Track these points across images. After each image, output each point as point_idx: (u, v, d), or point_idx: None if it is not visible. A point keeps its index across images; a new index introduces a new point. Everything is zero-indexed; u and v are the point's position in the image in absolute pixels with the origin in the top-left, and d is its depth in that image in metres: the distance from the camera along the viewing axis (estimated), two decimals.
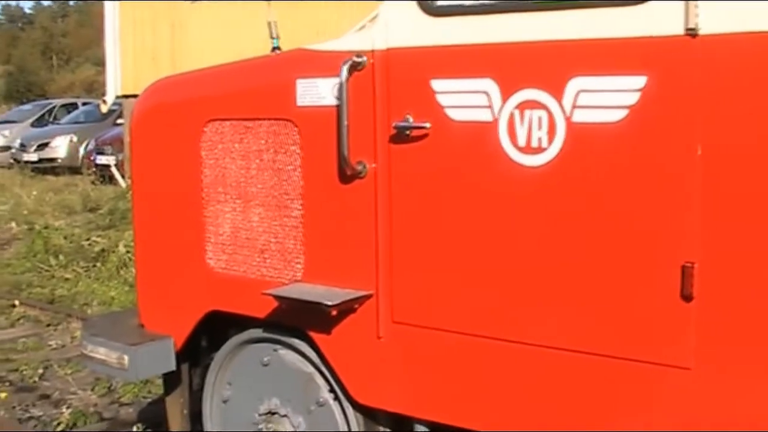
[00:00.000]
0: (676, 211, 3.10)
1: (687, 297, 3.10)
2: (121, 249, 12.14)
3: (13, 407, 7.18)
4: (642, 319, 3.20)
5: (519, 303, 3.47)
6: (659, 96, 3.11)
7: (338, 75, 3.81)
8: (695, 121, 3.04)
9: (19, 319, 10.13)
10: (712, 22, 2.99)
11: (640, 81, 3.14)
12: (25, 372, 8.06)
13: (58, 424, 6.75)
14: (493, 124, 3.47)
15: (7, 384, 7.83)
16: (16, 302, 10.60)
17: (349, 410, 4.17)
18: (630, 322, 3.22)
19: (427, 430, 4.00)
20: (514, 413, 3.55)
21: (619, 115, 3.19)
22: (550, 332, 3.41)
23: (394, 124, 3.72)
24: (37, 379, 7.93)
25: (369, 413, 4.15)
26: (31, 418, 6.99)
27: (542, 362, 3.44)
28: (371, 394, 4.00)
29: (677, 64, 3.07)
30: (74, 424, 6.74)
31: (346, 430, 4.21)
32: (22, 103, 40.94)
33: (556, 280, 3.37)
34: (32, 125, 30.27)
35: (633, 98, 3.15)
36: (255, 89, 4.29)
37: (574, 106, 3.28)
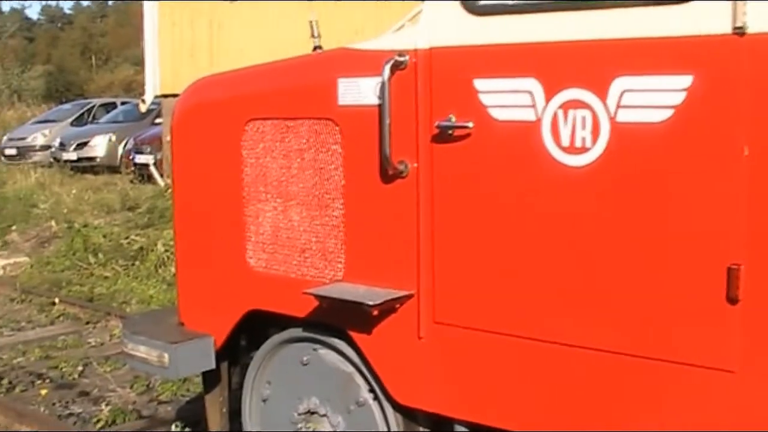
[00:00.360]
0: (722, 213, 3.06)
1: (732, 299, 3.06)
2: (160, 248, 12.20)
3: (53, 404, 7.24)
4: (687, 322, 3.16)
5: (562, 304, 3.44)
6: (705, 96, 3.07)
7: (380, 74, 3.80)
8: (741, 121, 3.00)
9: (58, 317, 10.22)
10: (759, 20, 2.95)
11: (685, 80, 3.10)
12: (64, 369, 8.12)
13: (97, 421, 6.79)
14: (536, 124, 3.45)
15: (47, 381, 7.90)
16: (56, 300, 10.69)
17: (389, 410, 4.16)
18: (675, 324, 3.18)
19: (466, 431, 3.99)
20: (556, 415, 3.52)
21: (665, 115, 3.15)
22: (593, 334, 3.37)
23: (436, 124, 3.70)
24: (76, 376, 7.99)
25: (409, 413, 4.13)
26: (70, 414, 7.05)
27: (586, 365, 3.41)
28: (411, 395, 3.98)
29: (724, 63, 3.03)
30: (113, 422, 6.78)
31: (386, 430, 4.19)
32: (62, 103, 41.16)
33: (600, 282, 3.34)
34: (71, 124, 30.43)
35: (678, 98, 3.12)
36: (296, 88, 4.29)
37: (619, 106, 3.25)
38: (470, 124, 3.62)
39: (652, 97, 3.17)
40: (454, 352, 3.79)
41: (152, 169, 21.51)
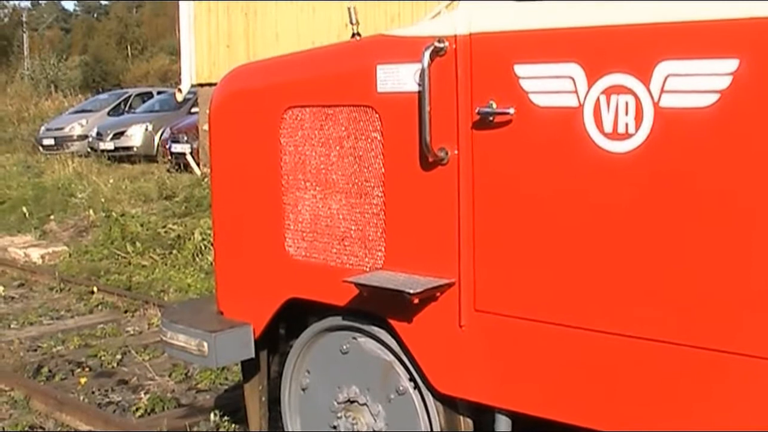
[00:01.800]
0: None
1: None
2: (197, 236, 12.24)
3: (93, 392, 7.28)
4: (737, 311, 3.11)
5: (604, 292, 3.40)
6: (752, 79, 3.01)
7: (419, 61, 3.77)
8: None
9: (97, 306, 10.28)
10: None
11: (731, 64, 3.04)
12: (103, 358, 8.16)
13: (137, 409, 6.83)
14: (578, 110, 3.40)
15: (87, 369, 7.94)
16: (95, 289, 10.75)
17: (429, 399, 4.14)
18: (722, 312, 3.13)
19: (508, 420, 3.96)
20: (599, 405, 3.48)
21: (710, 99, 3.10)
22: (634, 323, 3.33)
23: (477, 110, 3.66)
24: (115, 364, 8.03)
25: (449, 402, 4.11)
26: (110, 403, 7.09)
27: (628, 353, 3.37)
28: (452, 383, 3.96)
29: None
30: (152, 410, 6.81)
31: (427, 419, 4.18)
32: (98, 93, 41.42)
33: (644, 270, 3.29)
34: (108, 114, 30.60)
35: (724, 82, 3.06)
36: (335, 76, 4.27)
37: (663, 91, 3.19)
38: (511, 111, 3.58)
39: (697, 82, 3.12)
40: (495, 341, 3.76)
41: (189, 158, 21.59)
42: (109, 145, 26.91)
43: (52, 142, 29.78)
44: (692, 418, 3.25)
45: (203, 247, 11.92)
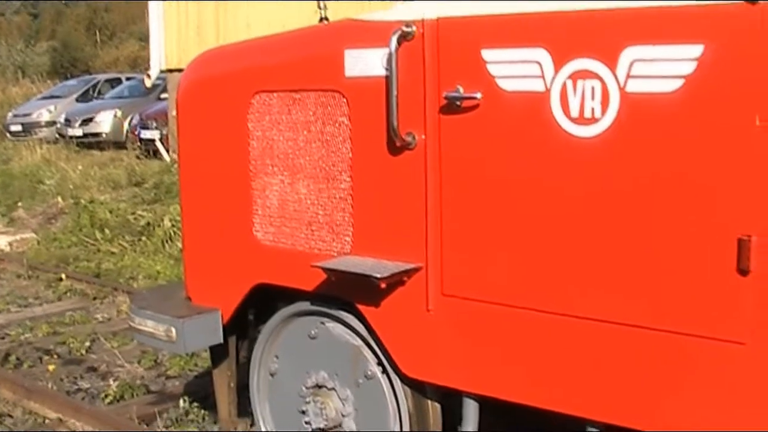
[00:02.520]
0: (733, 183, 3.03)
1: (743, 271, 3.04)
2: (167, 223, 12.20)
3: (61, 380, 7.25)
4: (697, 293, 3.14)
5: (571, 276, 3.42)
6: (716, 65, 3.03)
7: (387, 46, 3.77)
8: (753, 91, 2.97)
9: (66, 293, 10.23)
10: None
11: (696, 50, 3.06)
12: (72, 345, 8.13)
13: (106, 396, 6.80)
14: (545, 95, 3.42)
15: (55, 357, 7.91)
16: (63, 276, 10.70)
17: (398, 383, 4.15)
18: (684, 295, 3.16)
19: (476, 403, 3.98)
20: (566, 387, 3.51)
21: (675, 84, 3.12)
22: (602, 306, 3.35)
23: (444, 95, 3.67)
24: (84, 352, 8.00)
25: (417, 387, 4.13)
26: (79, 390, 7.06)
27: (594, 336, 3.40)
28: (420, 368, 3.97)
29: (735, 32, 2.99)
30: (121, 397, 6.79)
31: (395, 403, 4.19)
32: (67, 79, 41.11)
33: (609, 253, 3.32)
34: (77, 100, 30.40)
35: (689, 67, 3.08)
36: (303, 60, 4.26)
37: (629, 76, 3.21)
38: (478, 95, 3.59)
39: (663, 67, 3.14)
40: (463, 325, 3.77)
41: (158, 144, 21.52)
42: (77, 132, 26.75)
43: (19, 128, 29.58)
44: (662, 401, 3.28)
45: (173, 234, 11.88)
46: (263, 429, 4.79)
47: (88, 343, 8.16)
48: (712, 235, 3.09)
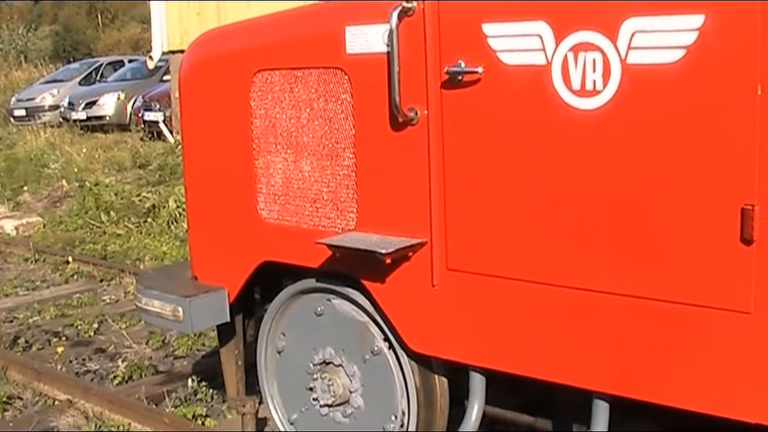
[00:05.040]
0: (735, 153, 3.03)
1: (746, 240, 3.04)
2: (172, 204, 12.23)
3: (70, 361, 7.30)
4: (701, 264, 3.14)
5: (575, 248, 3.43)
6: (717, 35, 3.03)
7: (388, 21, 3.77)
8: (755, 61, 2.96)
9: (73, 275, 10.27)
10: None
11: (697, 20, 3.06)
12: (80, 327, 8.17)
13: (115, 377, 6.85)
14: (546, 68, 3.41)
15: (64, 339, 7.95)
16: (70, 259, 10.73)
17: (404, 359, 4.17)
18: (689, 266, 3.16)
19: (482, 377, 3.99)
20: (573, 360, 3.52)
21: (676, 55, 3.11)
22: (607, 277, 3.36)
23: (445, 70, 3.67)
24: (92, 333, 8.05)
25: (424, 362, 4.14)
26: (87, 371, 7.10)
27: (600, 308, 3.40)
28: (426, 343, 3.99)
29: (736, 1, 2.98)
30: (130, 377, 6.83)
31: (402, 378, 4.21)
32: (69, 63, 41.04)
33: (613, 225, 3.32)
34: (80, 84, 30.38)
35: (690, 38, 3.07)
36: (304, 38, 4.25)
37: (630, 48, 3.20)
38: (479, 70, 3.58)
39: (664, 38, 3.13)
40: (468, 299, 3.78)
41: (162, 126, 21.49)
42: (81, 115, 26.72)
43: (23, 113, 29.56)
44: (668, 372, 3.29)
45: (178, 215, 11.91)
46: (271, 406, 4.81)
47: (95, 325, 8.20)
48: (716, 205, 3.09)
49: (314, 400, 4.49)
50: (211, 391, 6.36)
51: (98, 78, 30.83)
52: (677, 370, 3.26)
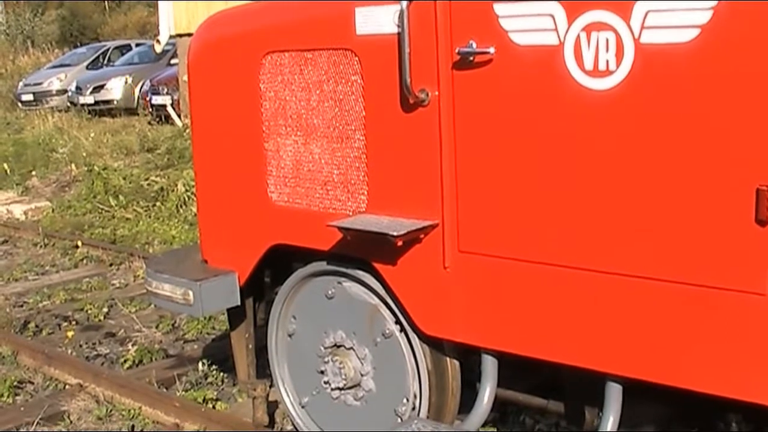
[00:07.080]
0: (751, 133, 3.00)
1: (761, 221, 3.01)
2: (180, 188, 12.22)
3: (80, 345, 7.29)
4: (716, 245, 3.12)
5: (588, 230, 3.40)
6: (733, 14, 2.99)
7: (398, 2, 3.73)
8: None
9: (82, 260, 10.26)
10: None
11: None
12: (90, 311, 8.16)
13: (125, 361, 6.84)
14: (558, 48, 3.38)
15: (74, 323, 7.95)
16: (79, 243, 10.72)
17: (416, 341, 4.15)
18: (703, 247, 3.14)
19: (494, 360, 3.98)
20: (586, 342, 3.50)
21: (691, 34, 3.08)
22: (620, 259, 3.34)
23: (457, 50, 3.64)
24: (102, 317, 8.04)
25: (436, 344, 4.13)
26: (98, 355, 7.10)
27: (613, 290, 3.38)
28: (437, 325, 3.97)
29: None
30: (140, 361, 6.82)
31: (413, 361, 4.19)
32: (76, 47, 40.99)
33: (626, 206, 3.29)
34: (87, 68, 30.37)
35: (705, 17, 3.04)
36: (313, 19, 4.23)
37: (643, 27, 3.17)
38: (491, 50, 3.56)
39: (678, 17, 3.10)
40: (480, 281, 3.76)
41: (170, 109, 21.48)
42: (89, 99, 26.74)
43: (31, 97, 29.56)
44: (682, 354, 3.27)
45: (187, 199, 11.90)
46: (282, 390, 4.80)
47: (105, 309, 8.19)
48: (731, 186, 3.06)
49: (325, 383, 4.47)
50: (221, 374, 6.35)
51: (105, 62, 30.84)
52: (692, 352, 3.24)
